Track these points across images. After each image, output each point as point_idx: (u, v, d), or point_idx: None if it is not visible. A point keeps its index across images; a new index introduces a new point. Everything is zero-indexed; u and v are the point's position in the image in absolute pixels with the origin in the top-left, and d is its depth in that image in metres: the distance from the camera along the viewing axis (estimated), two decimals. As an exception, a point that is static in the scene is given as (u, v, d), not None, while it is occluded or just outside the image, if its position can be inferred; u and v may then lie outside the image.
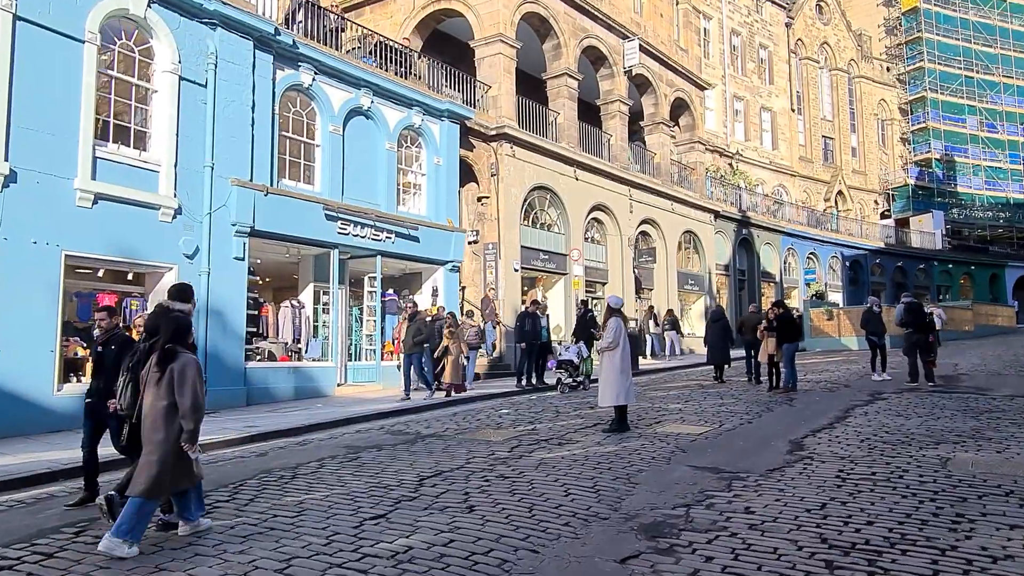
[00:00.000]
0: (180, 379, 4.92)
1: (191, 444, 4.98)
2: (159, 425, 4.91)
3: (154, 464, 4.87)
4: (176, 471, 4.96)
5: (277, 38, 13.56)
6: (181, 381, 4.91)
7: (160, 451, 4.88)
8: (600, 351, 9.69)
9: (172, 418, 4.91)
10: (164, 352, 5.02)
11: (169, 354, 5.03)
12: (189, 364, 5.02)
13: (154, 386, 4.98)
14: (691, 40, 29.45)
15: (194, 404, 4.94)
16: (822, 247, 38.15)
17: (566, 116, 22.20)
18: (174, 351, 5.05)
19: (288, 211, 13.62)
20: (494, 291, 18.52)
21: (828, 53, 47.58)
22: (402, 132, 16.79)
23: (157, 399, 4.94)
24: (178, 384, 4.91)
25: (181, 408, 4.89)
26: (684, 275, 27.85)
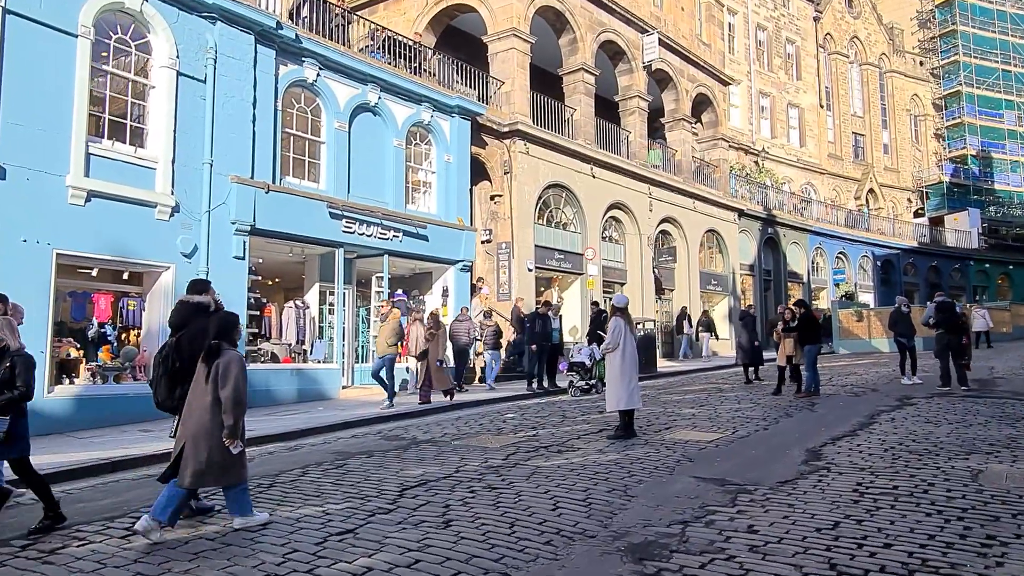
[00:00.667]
0: (224, 374, 5.05)
1: (232, 439, 5.08)
2: (204, 419, 5.04)
3: (199, 458, 5.02)
4: (221, 466, 5.07)
5: (279, 32, 13.26)
6: (225, 376, 5.04)
7: (204, 445, 5.01)
8: (603, 352, 9.18)
9: (217, 412, 5.04)
10: (210, 348, 5.16)
11: (215, 350, 5.17)
12: (233, 360, 5.15)
13: (201, 381, 5.12)
14: (714, 34, 28.72)
15: (236, 399, 5.06)
16: (852, 246, 37.06)
17: (583, 112, 21.66)
18: (220, 347, 5.18)
19: (291, 209, 13.31)
20: (522, 300, 17.86)
21: (858, 47, 46.35)
22: (411, 129, 16.41)
23: (203, 394, 5.08)
24: (221, 379, 5.04)
25: (223, 403, 5.02)
26: (707, 275, 27.11)
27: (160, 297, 11.66)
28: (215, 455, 5.02)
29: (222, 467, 5.07)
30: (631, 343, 9.19)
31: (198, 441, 5.02)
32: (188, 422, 5.13)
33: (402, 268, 16.95)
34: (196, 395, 5.14)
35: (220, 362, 5.10)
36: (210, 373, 5.10)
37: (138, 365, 11.51)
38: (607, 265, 22.56)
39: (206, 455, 5.00)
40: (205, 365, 5.15)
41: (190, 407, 5.15)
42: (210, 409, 5.05)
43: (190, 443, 5.03)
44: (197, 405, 5.10)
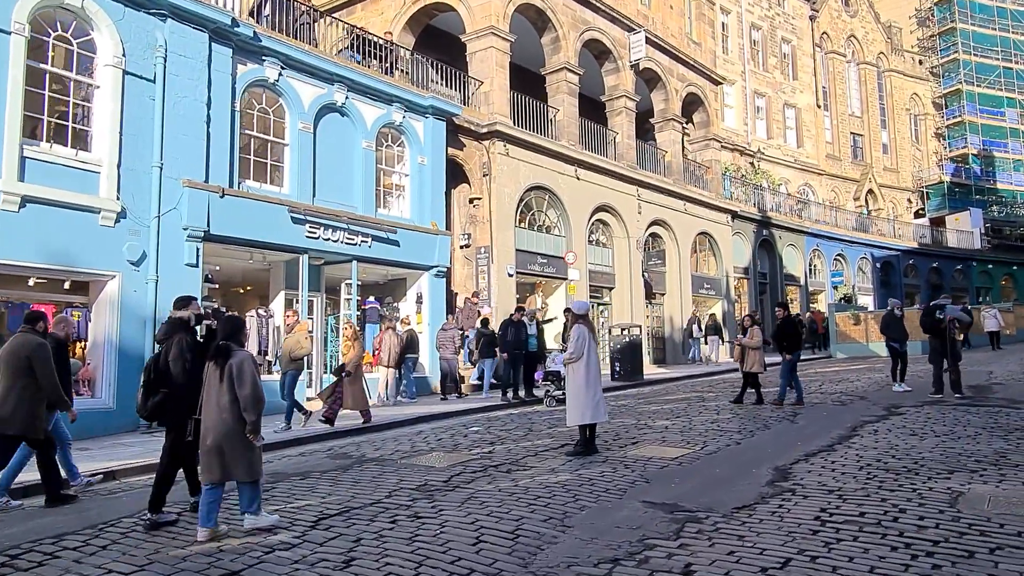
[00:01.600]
0: (239, 374, 5.19)
1: (256, 434, 5.27)
2: (224, 418, 5.20)
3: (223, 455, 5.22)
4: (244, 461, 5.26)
5: (236, 30, 12.71)
6: (240, 376, 5.19)
7: (227, 442, 5.20)
8: (564, 363, 8.56)
9: (235, 410, 5.20)
10: (219, 348, 5.32)
11: (224, 351, 5.31)
12: (245, 359, 5.29)
13: (215, 382, 5.26)
14: (704, 33, 28.13)
15: (256, 396, 5.24)
16: (850, 248, 36.35)
17: (566, 112, 21.08)
18: (229, 347, 5.33)
19: (249, 214, 12.73)
20: (478, 295, 17.41)
21: (856, 46, 45.70)
22: (381, 130, 15.84)
23: (220, 394, 5.22)
24: (238, 379, 5.18)
25: (243, 401, 5.16)
26: (699, 279, 26.45)
27: (107, 307, 11.08)
28: (238, 451, 5.20)
29: (246, 462, 5.27)
30: (595, 352, 8.58)
31: (220, 439, 5.19)
32: (208, 422, 5.27)
33: (375, 274, 16.37)
34: (212, 396, 5.27)
35: (233, 363, 5.24)
36: (223, 373, 5.24)
37: (82, 379, 10.93)
38: (594, 269, 21.94)
39: (230, 451, 5.19)
40: (216, 366, 5.29)
41: (207, 408, 5.30)
42: (229, 408, 5.20)
43: (212, 442, 5.20)
44: (214, 405, 5.24)
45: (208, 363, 5.43)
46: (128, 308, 11.14)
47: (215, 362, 5.34)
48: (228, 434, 5.20)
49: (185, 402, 5.71)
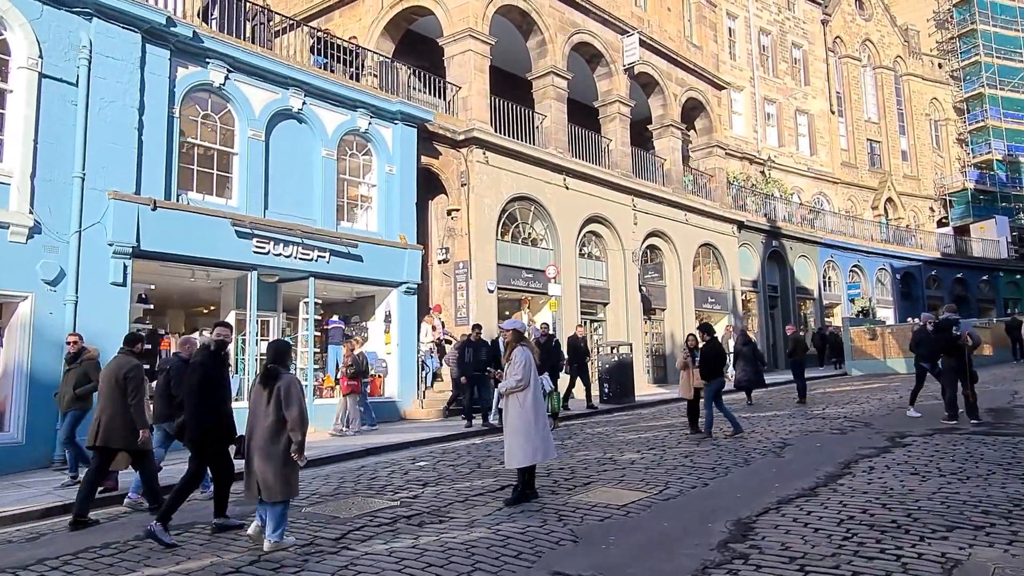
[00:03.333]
0: (287, 396, 5.35)
1: (300, 454, 5.48)
2: (271, 438, 5.37)
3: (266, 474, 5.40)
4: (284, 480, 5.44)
5: (172, 30, 11.78)
6: (288, 398, 5.35)
7: (271, 462, 5.37)
8: (503, 393, 7.33)
9: (281, 432, 5.37)
10: (268, 372, 5.50)
11: (272, 374, 5.50)
12: (293, 382, 5.47)
13: (262, 404, 5.43)
14: (705, 36, 26.94)
15: (302, 418, 5.42)
16: (868, 259, 34.69)
17: (554, 119, 19.97)
18: (277, 371, 5.49)
19: (186, 228, 11.73)
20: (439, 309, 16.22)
21: (871, 50, 44.17)
22: (345, 138, 14.84)
23: (265, 416, 5.39)
24: (285, 400, 5.34)
25: (290, 422, 5.34)
26: (703, 293, 25.07)
27: (18, 331, 10.10)
28: (280, 470, 5.37)
29: (286, 481, 5.41)
30: (536, 380, 7.37)
31: (264, 459, 5.36)
32: (254, 442, 5.45)
33: (339, 292, 15.31)
34: (259, 417, 5.44)
35: (280, 385, 5.40)
36: (271, 396, 5.39)
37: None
38: (587, 284, 20.70)
39: (272, 471, 5.35)
40: (264, 388, 5.46)
41: (253, 429, 5.47)
42: (274, 428, 5.37)
43: (258, 462, 5.37)
44: (261, 426, 5.41)
45: (255, 385, 5.67)
46: (42, 332, 10.14)
47: (262, 384, 5.52)
48: (272, 454, 5.38)
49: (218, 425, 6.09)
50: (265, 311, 13.75)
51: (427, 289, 17.73)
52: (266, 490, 5.38)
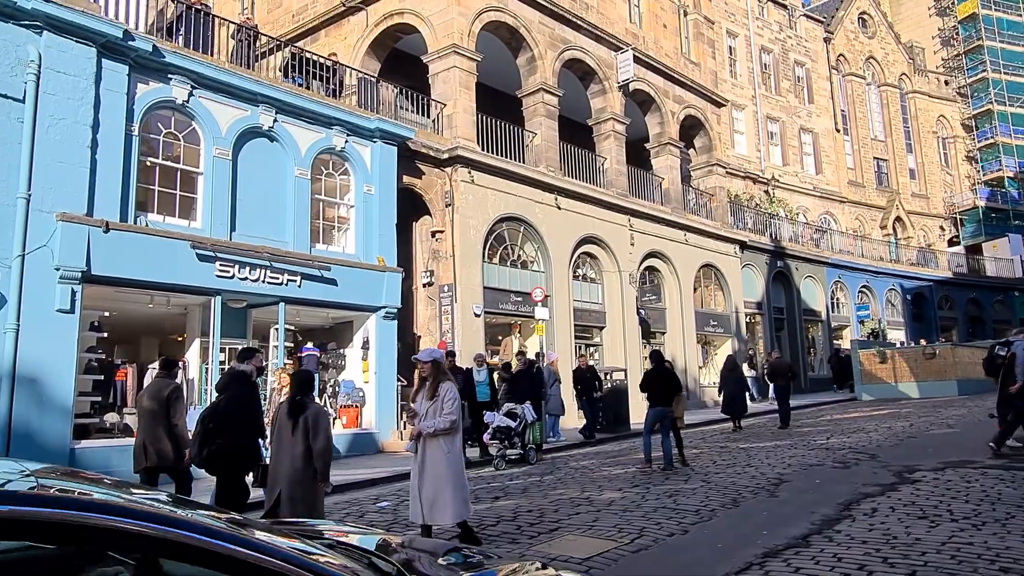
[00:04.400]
0: (315, 426, 5.42)
1: (326, 481, 5.60)
2: (297, 467, 5.42)
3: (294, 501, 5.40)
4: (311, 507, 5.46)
5: (131, 44, 11.24)
6: (315, 428, 5.42)
7: (299, 490, 5.42)
8: (426, 433, 6.15)
9: (308, 460, 5.42)
10: (294, 403, 5.55)
11: (299, 405, 5.56)
12: (320, 413, 5.61)
13: (288, 434, 5.48)
14: (703, 53, 26.37)
15: (328, 446, 5.51)
16: (877, 279, 33.72)
17: (544, 136, 19.34)
18: (303, 403, 5.56)
19: (143, 251, 11.08)
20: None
21: (875, 68, 43.54)
22: (320, 156, 14.23)
23: (293, 445, 5.44)
24: (313, 430, 5.41)
25: (316, 451, 5.41)
26: (704, 315, 24.21)
27: (-42, 362, 9.42)
28: (308, 498, 5.43)
29: (312, 508, 5.45)
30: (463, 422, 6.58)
31: (293, 487, 5.41)
32: (280, 470, 5.48)
33: (315, 317, 14.62)
34: (284, 446, 5.50)
35: (308, 415, 5.47)
36: (297, 425, 5.45)
37: (-80, 448, 9.24)
38: (581, 307, 19.92)
39: (300, 498, 5.40)
40: (290, 419, 5.50)
41: (279, 457, 5.52)
42: (302, 458, 5.42)
43: (286, 489, 5.40)
44: (287, 455, 5.46)
45: (281, 415, 5.67)
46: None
47: (289, 414, 5.55)
48: (300, 482, 5.43)
49: (241, 453, 6.03)
50: (233, 338, 13.02)
51: (411, 314, 17.02)
52: (294, 516, 5.31)
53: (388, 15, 18.67)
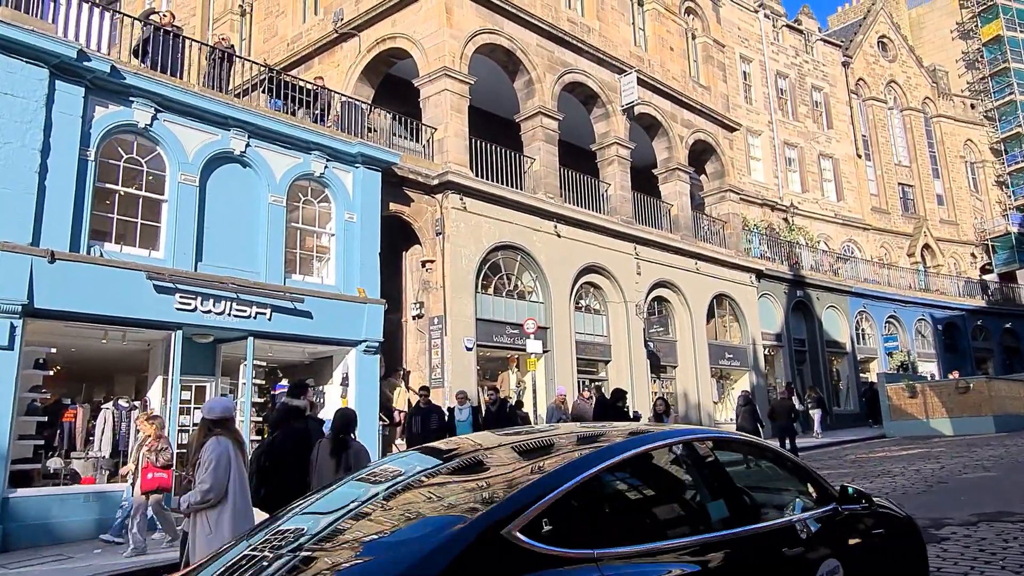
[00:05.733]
0: (356, 464, 5.40)
1: None
2: None
3: None
4: None
5: (86, 65, 10.65)
6: (358, 464, 5.34)
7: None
8: (189, 509, 4.96)
9: None
10: (337, 442, 5.64)
11: (343, 443, 5.65)
12: (362, 451, 5.77)
13: (331, 472, 5.43)
14: (714, 76, 25.55)
15: None
16: (904, 309, 32.17)
17: (543, 162, 18.53)
18: (347, 441, 5.71)
19: (94, 283, 10.34)
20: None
21: (897, 92, 42.39)
22: (297, 182, 13.52)
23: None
24: (355, 467, 5.27)
25: None
26: (719, 348, 22.98)
27: None
28: None
29: None
30: (243, 483, 5.16)
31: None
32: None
33: (291, 353, 13.75)
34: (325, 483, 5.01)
35: (351, 452, 5.55)
36: (340, 463, 5.45)
37: None
38: (584, 340, 18.87)
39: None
40: (333, 458, 5.50)
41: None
42: None
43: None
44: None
45: (323, 453, 5.59)
46: (-100, 404, 8.70)
47: (331, 452, 5.51)
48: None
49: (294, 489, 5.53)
50: (200, 376, 12.24)
51: (401, 348, 16.13)
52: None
53: (380, 40, 18.15)
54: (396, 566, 2.25)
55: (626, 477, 3.06)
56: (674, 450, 3.27)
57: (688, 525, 3.10)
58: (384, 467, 3.59)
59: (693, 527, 3.04)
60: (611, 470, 2.87)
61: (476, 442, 3.61)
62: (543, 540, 2.37)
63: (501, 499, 2.54)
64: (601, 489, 2.82)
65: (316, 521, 2.94)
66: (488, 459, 3.25)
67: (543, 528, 2.39)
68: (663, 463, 3.30)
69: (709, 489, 3.18)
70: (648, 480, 3.25)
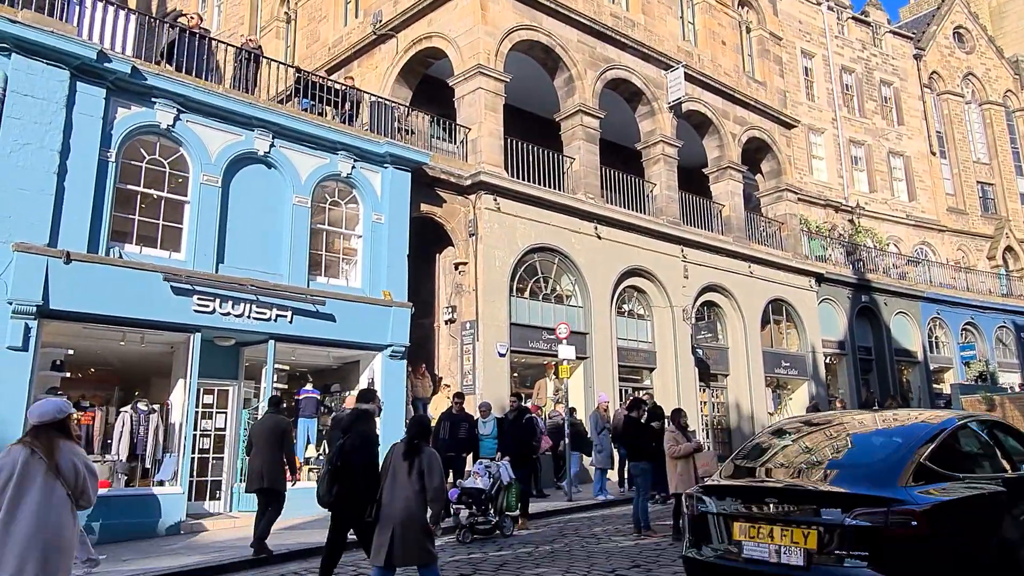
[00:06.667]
0: (429, 468, 5.62)
1: (437, 524, 5.81)
2: (411, 507, 5.53)
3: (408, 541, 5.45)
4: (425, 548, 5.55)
5: (108, 67, 10.64)
6: (431, 470, 5.61)
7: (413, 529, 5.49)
8: None
9: (422, 501, 5.58)
10: (411, 447, 5.71)
11: (416, 448, 5.71)
12: (434, 456, 5.77)
13: (404, 475, 5.62)
14: (770, 71, 24.36)
15: (443, 488, 5.78)
16: (984, 315, 29.97)
17: (583, 161, 17.88)
18: (420, 446, 5.74)
19: (110, 284, 10.28)
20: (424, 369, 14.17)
21: (975, 85, 39.84)
22: (323, 183, 13.30)
23: (407, 486, 5.57)
24: (428, 473, 5.59)
25: (432, 492, 5.58)
26: (775, 355, 21.76)
27: None
28: (420, 537, 5.50)
29: (426, 549, 5.53)
30: (24, 498, 4.11)
31: (407, 526, 5.47)
32: (394, 510, 5.53)
33: (317, 357, 13.51)
34: (400, 487, 5.59)
35: (424, 458, 5.64)
36: (412, 467, 5.60)
37: None
38: (626, 346, 18.09)
39: (414, 537, 5.47)
40: (407, 461, 5.65)
41: (393, 497, 5.58)
42: (416, 499, 5.53)
43: (399, 528, 5.46)
44: (402, 495, 5.54)
45: (396, 457, 5.73)
46: (-86, 404, 8.74)
47: (405, 456, 5.66)
48: (414, 522, 5.47)
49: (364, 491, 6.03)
50: (223, 379, 12.09)
51: (434, 354, 15.73)
52: (407, 556, 5.48)
53: (417, 40, 17.87)
54: (870, 468, 4.60)
55: (961, 436, 5.25)
56: (978, 423, 5.67)
57: (993, 467, 5.24)
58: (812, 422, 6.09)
59: (996, 468, 5.21)
60: (952, 432, 5.06)
61: (860, 416, 6.05)
62: (935, 464, 4.60)
63: (913, 442, 4.78)
64: (951, 441, 5.00)
65: (794, 457, 5.30)
66: (885, 423, 5.64)
67: (935, 458, 4.61)
68: (976, 430, 5.57)
69: (999, 448, 5.37)
70: (969, 439, 5.39)
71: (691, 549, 4.78)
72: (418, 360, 14.80)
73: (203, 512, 11.56)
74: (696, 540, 4.77)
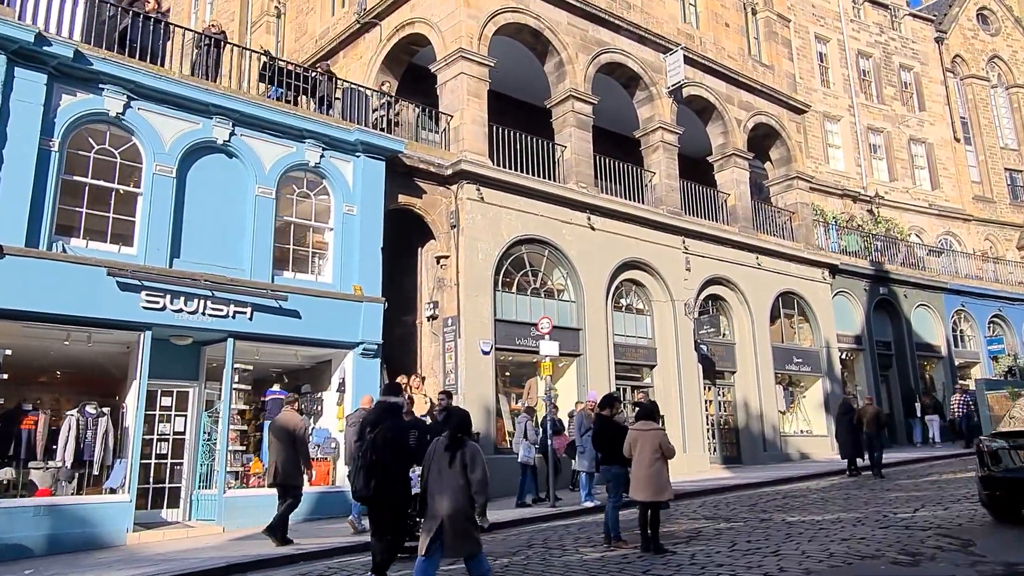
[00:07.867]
0: (472, 462, 5.72)
1: (483, 515, 5.92)
2: (458, 499, 5.62)
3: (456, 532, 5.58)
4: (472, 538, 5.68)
5: (49, 51, 10.07)
6: (474, 463, 5.72)
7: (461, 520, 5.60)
8: None
9: (468, 493, 5.66)
10: (455, 439, 5.79)
11: (459, 442, 5.80)
12: (477, 450, 5.87)
13: (446, 468, 5.71)
14: (777, 54, 23.28)
15: (485, 481, 5.75)
16: (1013, 307, 28.52)
17: (575, 149, 17.04)
18: (462, 439, 5.83)
19: (50, 280, 9.70)
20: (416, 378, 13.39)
21: (1001, 68, 38.22)
22: (290, 173, 12.63)
23: (453, 478, 5.67)
24: (471, 465, 5.71)
25: (476, 484, 5.67)
26: (785, 351, 20.70)
27: None
28: (469, 529, 5.63)
29: (473, 539, 5.66)
30: None
31: (454, 519, 5.56)
32: (442, 503, 5.60)
33: (286, 357, 12.83)
34: (446, 480, 5.67)
35: (467, 451, 5.75)
36: (455, 460, 5.70)
37: None
38: (624, 343, 17.21)
39: (461, 529, 5.58)
40: (449, 453, 5.73)
41: (440, 490, 5.66)
42: (463, 490, 5.64)
43: (448, 521, 5.56)
44: (449, 487, 5.64)
45: (438, 450, 5.80)
46: None
47: (447, 449, 5.74)
48: (460, 513, 5.58)
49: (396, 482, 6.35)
50: (183, 380, 11.50)
51: (416, 352, 15.01)
52: (455, 547, 5.57)
53: (400, 26, 17.19)
54: None
55: None
56: None
57: None
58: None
59: None
60: None
61: None
62: None
63: None
64: None
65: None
66: None
67: None
68: None
69: None
70: None
71: (985, 469, 8.36)
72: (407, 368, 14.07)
73: (159, 521, 10.97)
74: (992, 465, 8.29)
